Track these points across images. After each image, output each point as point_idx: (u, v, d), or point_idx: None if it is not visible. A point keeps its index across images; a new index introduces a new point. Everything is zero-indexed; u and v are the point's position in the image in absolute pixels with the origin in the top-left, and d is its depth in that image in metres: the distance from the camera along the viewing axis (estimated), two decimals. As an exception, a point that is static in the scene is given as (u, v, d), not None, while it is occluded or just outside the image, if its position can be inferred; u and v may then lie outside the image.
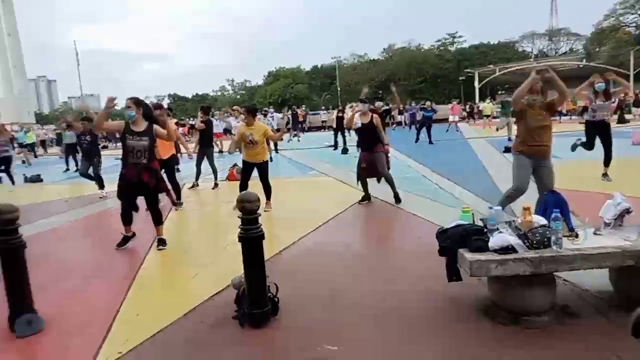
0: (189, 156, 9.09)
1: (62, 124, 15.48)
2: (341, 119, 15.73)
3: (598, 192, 5.98)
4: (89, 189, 9.46)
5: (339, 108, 19.45)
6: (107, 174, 9.25)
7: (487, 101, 29.65)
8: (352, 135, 17.57)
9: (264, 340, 2.94)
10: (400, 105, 16.03)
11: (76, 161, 13.27)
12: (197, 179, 9.37)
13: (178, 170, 8.99)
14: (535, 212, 3.18)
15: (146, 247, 5.11)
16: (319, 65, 64.22)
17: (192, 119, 31.35)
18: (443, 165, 10.20)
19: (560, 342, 2.67)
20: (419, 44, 58.76)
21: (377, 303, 3.36)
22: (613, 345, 2.56)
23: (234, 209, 6.69)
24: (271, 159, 9.37)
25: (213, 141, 10.28)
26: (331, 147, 16.41)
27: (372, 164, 6.72)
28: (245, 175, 6.74)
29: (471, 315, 3.06)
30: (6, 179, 11.55)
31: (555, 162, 4.79)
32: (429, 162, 10.94)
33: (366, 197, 6.87)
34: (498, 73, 39.17)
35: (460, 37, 57.96)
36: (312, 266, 4.31)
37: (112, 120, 5.85)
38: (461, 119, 27.39)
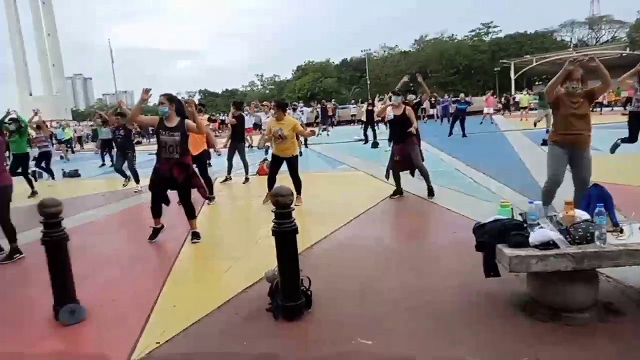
0: (217, 152, 9.22)
1: (98, 120, 15.90)
2: (371, 112, 15.51)
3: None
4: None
5: (368, 101, 19.15)
6: (141, 168, 9.49)
7: (523, 92, 28.84)
8: (381, 129, 17.48)
9: (298, 334, 2.95)
10: (429, 95, 15.67)
11: (111, 157, 13.65)
12: (229, 172, 9.50)
13: (210, 165, 9.14)
14: (577, 207, 3.06)
15: (181, 240, 5.22)
16: (348, 58, 63.94)
17: (223, 115, 31.73)
18: (478, 158, 9.95)
19: (601, 340, 2.57)
20: (452, 35, 57.70)
21: (410, 297, 3.32)
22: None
23: (263, 202, 6.83)
24: (301, 154, 9.38)
25: (244, 136, 10.40)
26: (361, 141, 16.24)
27: (406, 156, 6.61)
28: (273, 168, 6.77)
29: (508, 311, 2.98)
30: (46, 174, 11.96)
31: (595, 154, 4.59)
32: (462, 155, 10.68)
33: (398, 191, 6.77)
34: (535, 63, 38.03)
35: (495, 27, 56.52)
36: (343, 260, 4.31)
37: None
38: (496, 111, 26.69)
